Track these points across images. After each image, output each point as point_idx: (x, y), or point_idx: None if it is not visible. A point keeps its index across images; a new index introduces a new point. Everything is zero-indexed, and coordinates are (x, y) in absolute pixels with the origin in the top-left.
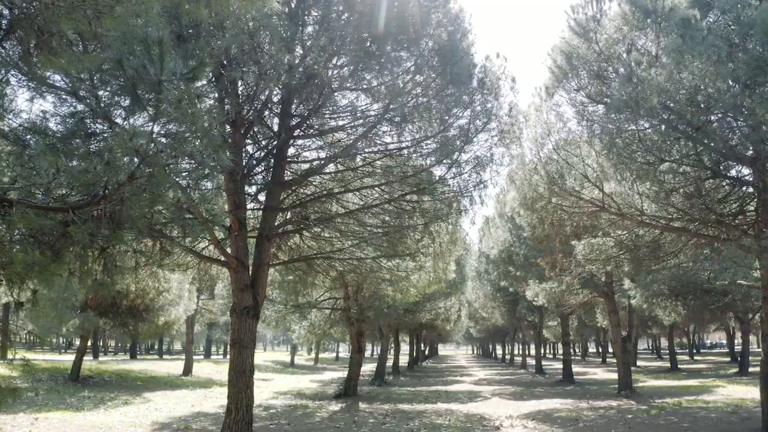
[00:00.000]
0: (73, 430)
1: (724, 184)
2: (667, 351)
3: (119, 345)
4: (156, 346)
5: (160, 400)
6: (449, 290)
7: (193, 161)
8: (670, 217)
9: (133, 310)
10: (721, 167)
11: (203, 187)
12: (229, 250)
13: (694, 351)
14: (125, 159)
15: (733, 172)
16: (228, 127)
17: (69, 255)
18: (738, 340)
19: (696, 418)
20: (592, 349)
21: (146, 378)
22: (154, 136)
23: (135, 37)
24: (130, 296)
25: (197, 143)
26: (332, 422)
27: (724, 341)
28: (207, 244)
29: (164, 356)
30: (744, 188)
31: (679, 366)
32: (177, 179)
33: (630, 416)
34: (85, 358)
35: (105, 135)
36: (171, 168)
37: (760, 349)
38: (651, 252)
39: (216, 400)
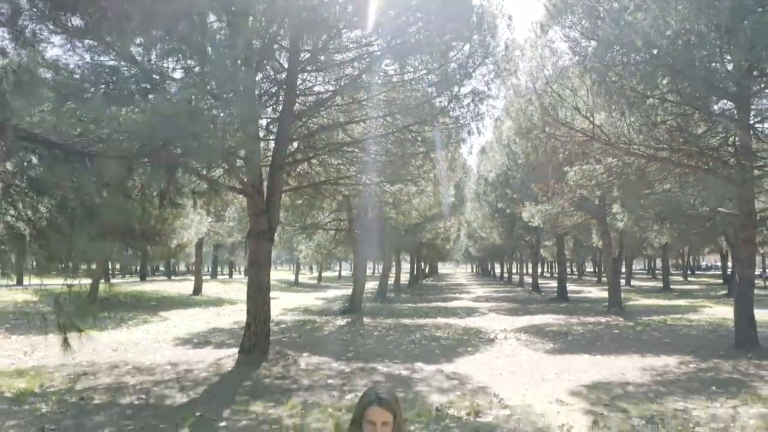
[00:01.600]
0: (102, 347)
1: (706, 118)
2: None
3: (131, 268)
4: (162, 268)
5: (176, 318)
6: (449, 212)
7: (233, 114)
8: (656, 147)
9: (147, 234)
10: (704, 103)
11: (241, 136)
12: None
13: (689, 272)
14: (178, 115)
15: (715, 108)
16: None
17: (138, 196)
18: (730, 263)
19: (678, 335)
20: (589, 268)
21: (159, 298)
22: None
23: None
24: (150, 222)
25: (237, 101)
26: (339, 335)
27: (720, 263)
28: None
29: (171, 277)
30: (726, 123)
31: (671, 286)
32: (222, 132)
33: (616, 331)
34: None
35: (156, 96)
36: (216, 120)
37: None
38: (638, 179)
39: (229, 317)
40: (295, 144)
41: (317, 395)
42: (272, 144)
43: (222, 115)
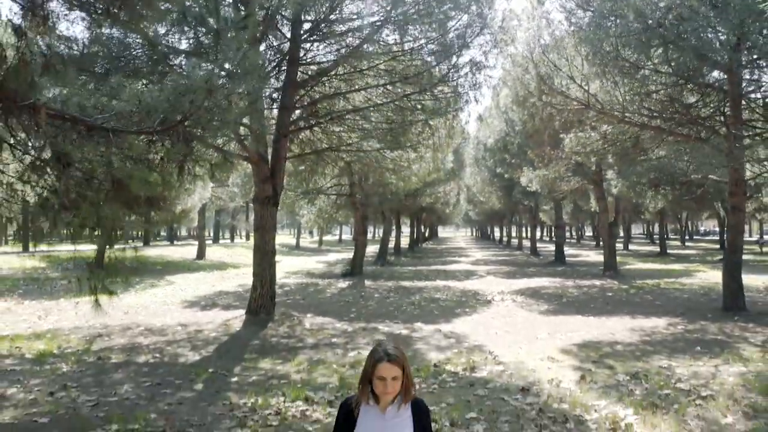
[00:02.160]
0: (113, 310)
1: (697, 89)
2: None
3: (134, 234)
4: (163, 233)
5: (182, 282)
6: (448, 177)
7: (244, 91)
8: (649, 116)
9: (151, 200)
10: (695, 74)
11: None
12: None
13: (687, 237)
14: (195, 93)
15: (708, 79)
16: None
17: (158, 168)
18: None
19: (669, 298)
20: (588, 233)
21: (164, 263)
22: (215, 73)
23: None
24: (157, 189)
25: (248, 79)
26: (342, 297)
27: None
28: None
29: (174, 242)
30: (716, 93)
31: (668, 251)
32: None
33: (610, 294)
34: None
35: (172, 75)
36: (230, 97)
37: (749, 237)
38: (632, 146)
39: (233, 281)
40: (298, 112)
41: (322, 353)
42: (276, 113)
43: (236, 92)
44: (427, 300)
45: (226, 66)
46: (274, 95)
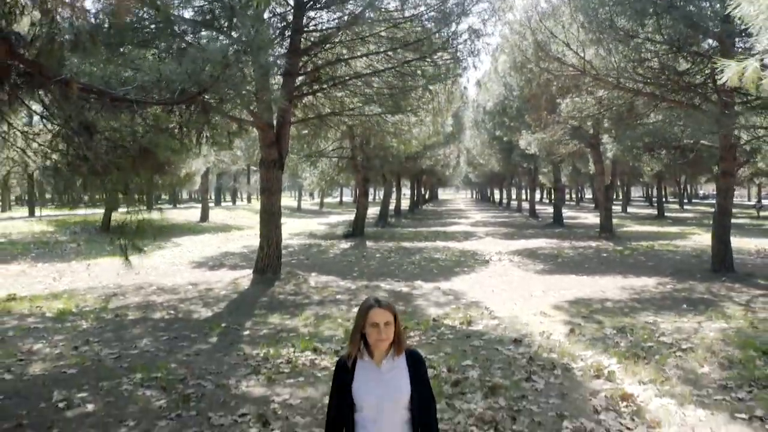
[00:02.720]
0: (124, 270)
1: (687, 56)
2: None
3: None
4: (165, 196)
5: (188, 243)
6: (448, 140)
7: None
8: (643, 82)
9: (160, 165)
10: (687, 42)
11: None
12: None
13: (686, 201)
14: (212, 66)
15: (702, 47)
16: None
17: (178, 135)
18: None
19: (661, 259)
20: (588, 195)
21: (169, 225)
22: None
23: None
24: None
25: (261, 53)
26: (344, 257)
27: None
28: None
29: (177, 205)
30: (708, 61)
31: (666, 214)
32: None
33: (604, 255)
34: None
35: (192, 49)
36: (243, 70)
37: (746, 201)
38: (627, 111)
39: (237, 242)
40: (302, 78)
41: (327, 309)
42: (280, 79)
43: (250, 65)
44: (426, 260)
45: (242, 39)
46: (279, 62)
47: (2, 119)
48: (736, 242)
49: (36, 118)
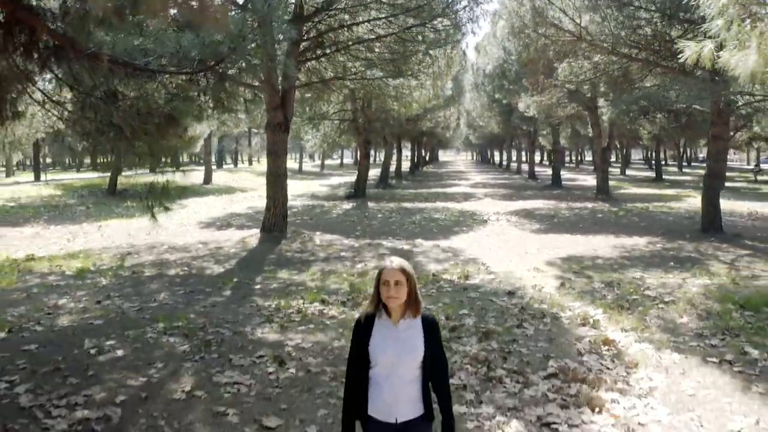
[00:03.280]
0: (136, 231)
1: (679, 24)
2: (662, 162)
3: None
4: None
5: (194, 205)
6: (447, 103)
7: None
8: (637, 48)
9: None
10: (679, 10)
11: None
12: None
13: (685, 164)
14: (231, 38)
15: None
16: None
17: (198, 102)
18: (729, 156)
19: (654, 220)
20: (588, 157)
21: (173, 187)
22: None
23: None
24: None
25: (275, 26)
26: (347, 217)
27: None
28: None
29: (179, 168)
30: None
31: (664, 177)
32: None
33: (600, 215)
34: (104, 174)
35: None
36: (257, 42)
37: (746, 165)
38: (622, 76)
39: (242, 203)
40: (305, 44)
41: (332, 265)
42: (286, 45)
43: (264, 38)
44: (426, 219)
45: (257, 11)
46: (289, 32)
47: (36, 89)
48: (731, 205)
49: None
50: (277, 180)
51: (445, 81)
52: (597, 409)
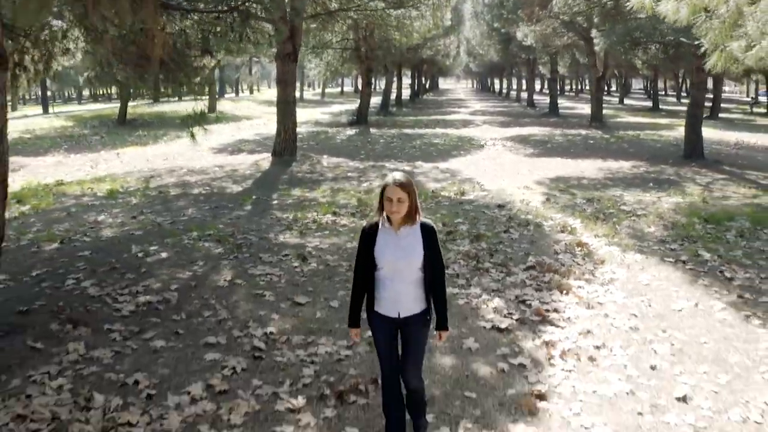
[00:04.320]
0: (153, 157)
1: None
2: (662, 92)
3: (142, 92)
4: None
5: (203, 133)
6: (447, 32)
7: None
8: None
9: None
10: None
11: None
12: None
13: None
14: None
15: None
16: None
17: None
18: (727, 87)
19: (642, 146)
20: (588, 86)
21: (181, 117)
22: None
23: None
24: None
25: None
26: (350, 142)
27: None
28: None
29: (182, 98)
30: None
31: (661, 107)
32: None
33: (591, 141)
34: (109, 105)
35: None
36: None
37: (745, 98)
38: (614, 8)
39: (249, 130)
40: None
41: (340, 184)
42: None
43: None
44: (426, 144)
45: None
46: None
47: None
48: (720, 134)
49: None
50: (286, 107)
51: (445, 12)
52: (565, 292)
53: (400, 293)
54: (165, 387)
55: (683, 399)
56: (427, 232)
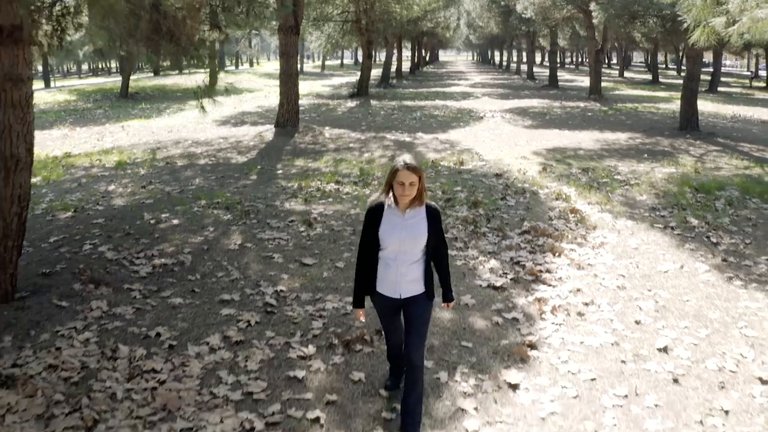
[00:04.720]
0: (157, 129)
1: None
2: (663, 66)
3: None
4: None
5: (206, 105)
6: (448, 4)
7: None
8: None
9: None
10: None
11: None
12: None
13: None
14: None
15: None
16: None
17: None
18: (728, 61)
19: (639, 118)
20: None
21: (182, 90)
22: None
23: None
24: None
25: None
26: (351, 114)
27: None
28: None
29: (182, 71)
30: None
31: (662, 80)
32: None
33: (589, 114)
34: (110, 79)
35: None
36: None
37: (746, 72)
38: None
39: (251, 102)
40: None
41: (343, 154)
42: None
43: None
44: (426, 116)
45: None
46: None
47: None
48: (717, 108)
49: None
50: (289, 79)
51: None
52: (557, 254)
53: (403, 274)
54: (185, 339)
55: (664, 350)
56: (433, 214)
